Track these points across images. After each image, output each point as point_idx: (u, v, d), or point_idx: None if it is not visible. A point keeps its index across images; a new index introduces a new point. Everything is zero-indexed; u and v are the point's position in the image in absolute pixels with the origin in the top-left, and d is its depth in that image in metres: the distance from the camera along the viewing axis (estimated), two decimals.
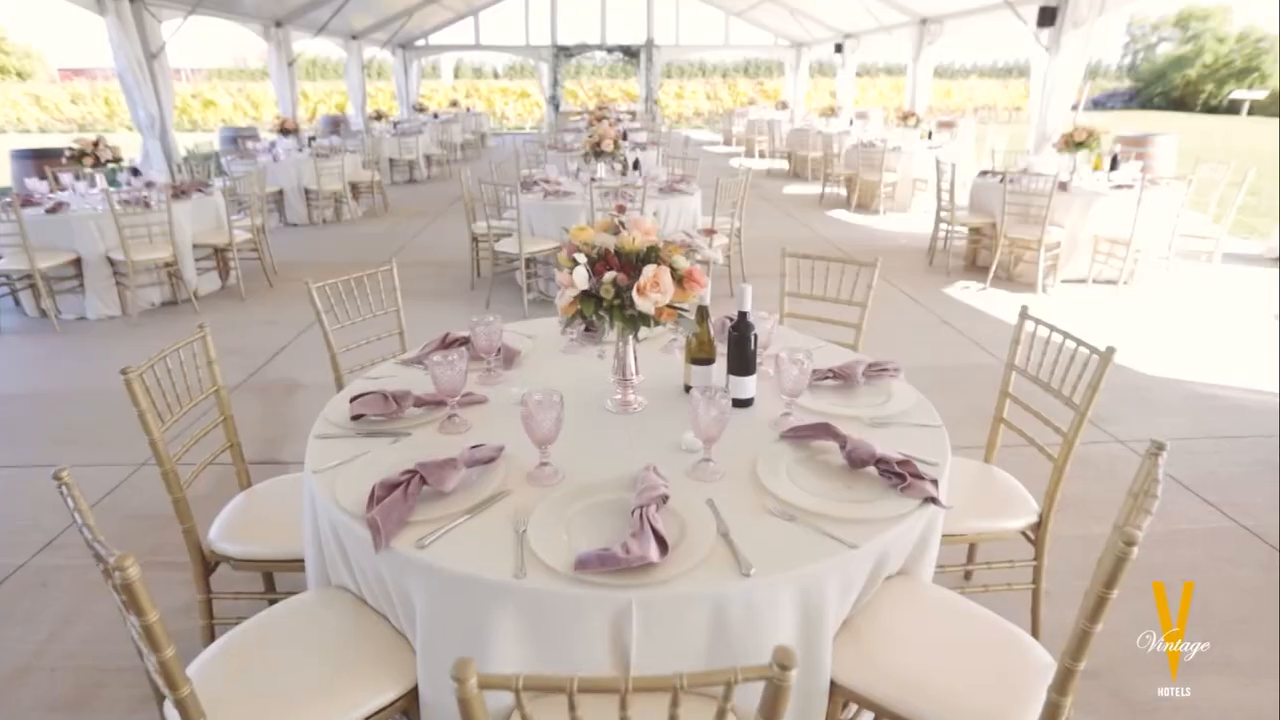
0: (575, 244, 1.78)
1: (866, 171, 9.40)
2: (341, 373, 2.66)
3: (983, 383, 4.30)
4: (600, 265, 1.76)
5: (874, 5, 12.24)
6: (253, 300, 5.94)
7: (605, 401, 1.99)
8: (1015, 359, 2.30)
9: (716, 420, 1.59)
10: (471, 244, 6.20)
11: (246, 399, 4.17)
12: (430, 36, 18.97)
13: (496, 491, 1.58)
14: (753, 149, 15.88)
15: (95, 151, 5.61)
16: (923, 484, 1.57)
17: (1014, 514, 2.10)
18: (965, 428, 3.64)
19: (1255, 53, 35.09)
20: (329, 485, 1.62)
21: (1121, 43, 41.31)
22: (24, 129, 27.26)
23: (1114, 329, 5.22)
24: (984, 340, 5.00)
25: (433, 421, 1.91)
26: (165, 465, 1.88)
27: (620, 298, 1.74)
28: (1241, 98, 34.37)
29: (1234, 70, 35.83)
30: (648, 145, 9.59)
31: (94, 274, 5.41)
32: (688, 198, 5.76)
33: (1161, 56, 39.63)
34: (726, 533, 1.44)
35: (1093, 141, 6.17)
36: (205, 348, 2.16)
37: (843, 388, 2.13)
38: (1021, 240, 5.94)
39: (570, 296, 1.75)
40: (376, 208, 9.86)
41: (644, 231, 1.81)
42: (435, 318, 5.53)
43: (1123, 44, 41.53)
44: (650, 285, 1.71)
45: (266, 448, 3.62)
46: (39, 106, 28.04)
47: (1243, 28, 36.06)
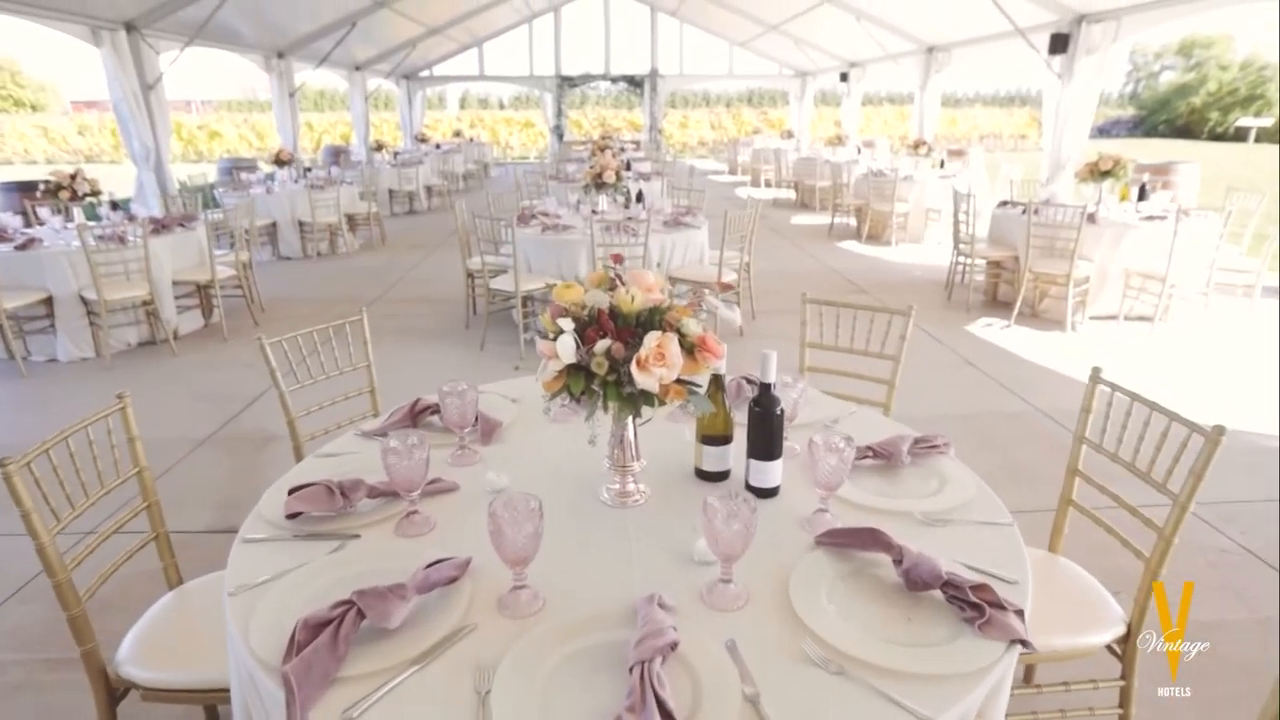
0: (560, 306, 1.45)
1: (877, 201, 9.12)
2: (301, 440, 2.32)
3: (1017, 434, 3.95)
4: (592, 331, 1.43)
5: (880, 34, 12.08)
6: (235, 340, 5.64)
7: (599, 490, 1.64)
8: (1086, 430, 1.94)
9: (739, 536, 1.24)
10: (466, 280, 5.89)
11: (213, 454, 3.83)
12: (435, 67, 18.96)
13: (457, 627, 1.23)
14: (758, 178, 15.68)
15: (72, 185, 5.35)
16: (1006, 619, 1.21)
17: (1096, 624, 1.73)
18: (1005, 489, 3.23)
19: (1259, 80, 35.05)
20: (245, 615, 1.27)
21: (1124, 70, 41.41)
22: (30, 160, 27.36)
23: (1153, 371, 4.87)
24: (1013, 384, 4.64)
25: (388, 519, 1.57)
26: (58, 575, 1.53)
27: (616, 372, 1.41)
28: (1248, 125, 34.26)
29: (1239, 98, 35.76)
30: (651, 175, 9.34)
31: (66, 313, 5.12)
32: (694, 231, 5.46)
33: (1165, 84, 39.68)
34: (755, 698, 1.08)
35: (1119, 170, 5.87)
36: (125, 422, 1.80)
37: (885, 469, 1.78)
38: (1048, 275, 5.61)
39: (554, 371, 1.41)
40: (373, 240, 9.61)
41: (645, 288, 1.48)
42: (427, 357, 5.21)
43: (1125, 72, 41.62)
44: (654, 358, 1.38)
45: (224, 514, 3.26)
46: (46, 138, 28.18)
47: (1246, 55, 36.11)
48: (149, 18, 8.22)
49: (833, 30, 13.42)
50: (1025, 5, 8.37)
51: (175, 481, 3.53)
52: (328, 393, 2.46)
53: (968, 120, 31.19)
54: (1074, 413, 4.12)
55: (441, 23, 15.08)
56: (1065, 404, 4.28)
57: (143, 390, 4.73)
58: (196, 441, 3.93)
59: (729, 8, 15.41)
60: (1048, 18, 8.41)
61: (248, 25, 10.44)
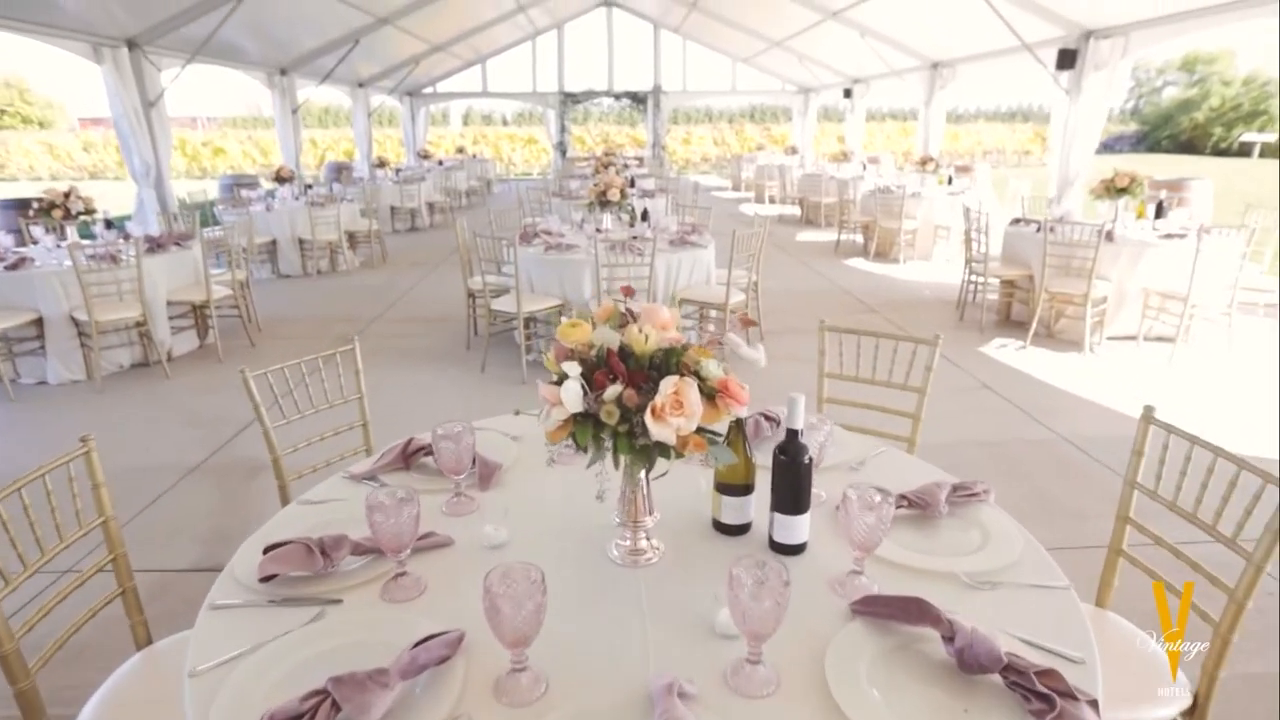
0: (565, 347, 1.30)
1: (885, 218, 8.99)
2: (287, 479, 2.17)
3: (1043, 463, 3.77)
4: (600, 374, 1.28)
5: (884, 50, 12.02)
6: (231, 361, 5.49)
7: (608, 546, 1.49)
8: (1138, 473, 1.78)
9: (770, 614, 1.08)
10: (467, 300, 5.76)
11: (202, 483, 3.67)
12: (438, 84, 18.97)
13: (447, 719, 1.07)
14: (763, 194, 15.59)
15: (65, 203, 5.23)
16: (1079, 712, 1.05)
17: (1156, 694, 1.56)
18: (1037, 524, 3.03)
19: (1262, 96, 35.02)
20: (206, 700, 1.11)
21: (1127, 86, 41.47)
22: (35, 176, 27.43)
23: (1179, 395, 4.70)
24: (1034, 409, 4.47)
25: (375, 580, 1.41)
26: (4, 646, 1.37)
27: (628, 421, 1.25)
28: (1252, 140, 34.21)
29: (1242, 113, 35.71)
30: (655, 192, 9.23)
31: (57, 335, 4.98)
32: (701, 250, 5.32)
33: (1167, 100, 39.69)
34: None
35: (1136, 188, 5.73)
36: (90, 468, 1.65)
37: (921, 519, 1.62)
38: (1064, 294, 5.46)
39: (558, 420, 1.26)
40: (374, 258, 9.49)
41: (660, 325, 1.33)
42: (427, 380, 5.07)
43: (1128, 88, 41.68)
44: (670, 406, 1.23)
45: (211, 550, 3.10)
46: (52, 155, 28.26)
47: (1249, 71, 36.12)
48: (151, 34, 8.17)
49: (836, 46, 13.37)
50: (1033, 21, 8.29)
51: (162, 513, 3.37)
52: (317, 427, 2.31)
53: (971, 136, 31.13)
54: (1100, 440, 3.98)
55: (445, 40, 15.07)
56: (1090, 431, 4.12)
57: (133, 414, 4.59)
58: (186, 469, 3.77)
59: (732, 24, 15.40)
60: (1055, 33, 8.32)
61: (251, 42, 10.40)
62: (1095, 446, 3.88)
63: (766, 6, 12.77)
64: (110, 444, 4.17)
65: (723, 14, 14.89)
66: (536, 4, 15.44)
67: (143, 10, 7.81)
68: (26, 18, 6.91)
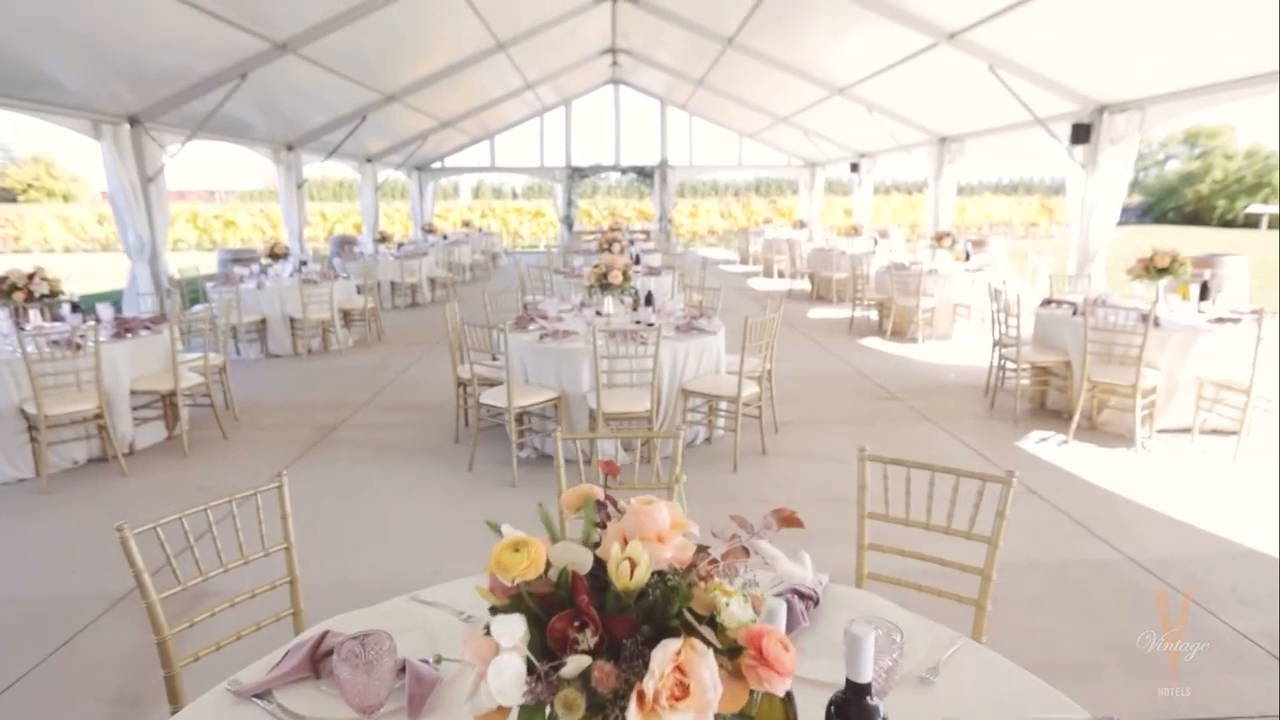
0: (498, 580, 0.83)
1: (901, 296, 8.61)
2: (176, 667, 1.68)
3: (1112, 594, 3.21)
4: (560, 621, 0.81)
5: (892, 125, 11.93)
6: (197, 456, 5.03)
7: None
8: None
9: None
10: (457, 389, 5.33)
11: (124, 619, 3.10)
12: (447, 159, 19.13)
13: None
14: (771, 269, 15.34)
15: (29, 285, 4.90)
16: None
17: None
18: (1119, 685, 2.45)
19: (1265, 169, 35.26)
20: None
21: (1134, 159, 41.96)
22: (48, 249, 27.73)
23: (1251, 498, 4.15)
24: (1090, 520, 3.92)
25: None
26: None
27: (602, 713, 0.77)
28: (1258, 212, 34.25)
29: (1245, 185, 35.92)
30: (662, 270, 8.91)
31: (4, 428, 4.54)
32: (710, 338, 4.90)
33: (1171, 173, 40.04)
34: None
35: (1178, 268, 5.32)
36: None
37: None
38: (1108, 384, 4.97)
39: (486, 710, 0.78)
40: (369, 336, 9.14)
41: (654, 537, 0.86)
42: (409, 479, 4.58)
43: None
44: (670, 692, 0.75)
45: (115, 715, 2.56)
46: (65, 227, 28.66)
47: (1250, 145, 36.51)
48: (154, 111, 8.07)
49: (843, 122, 13.34)
50: (1044, 96, 8.12)
51: (70, 658, 2.85)
52: (240, 583, 1.84)
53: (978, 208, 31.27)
54: (1173, 562, 3.41)
55: (453, 116, 15.18)
56: (1159, 551, 3.56)
57: (76, 521, 4.11)
58: (113, 598, 3.25)
59: (738, 101, 15.49)
60: (1068, 108, 8.13)
61: (257, 118, 10.37)
62: (1169, 571, 3.32)
63: (773, 83, 12.79)
64: (37, 560, 3.68)
65: (729, 91, 14.98)
66: (545, 82, 15.61)
67: (147, 89, 7.71)
68: (28, 96, 6.79)
